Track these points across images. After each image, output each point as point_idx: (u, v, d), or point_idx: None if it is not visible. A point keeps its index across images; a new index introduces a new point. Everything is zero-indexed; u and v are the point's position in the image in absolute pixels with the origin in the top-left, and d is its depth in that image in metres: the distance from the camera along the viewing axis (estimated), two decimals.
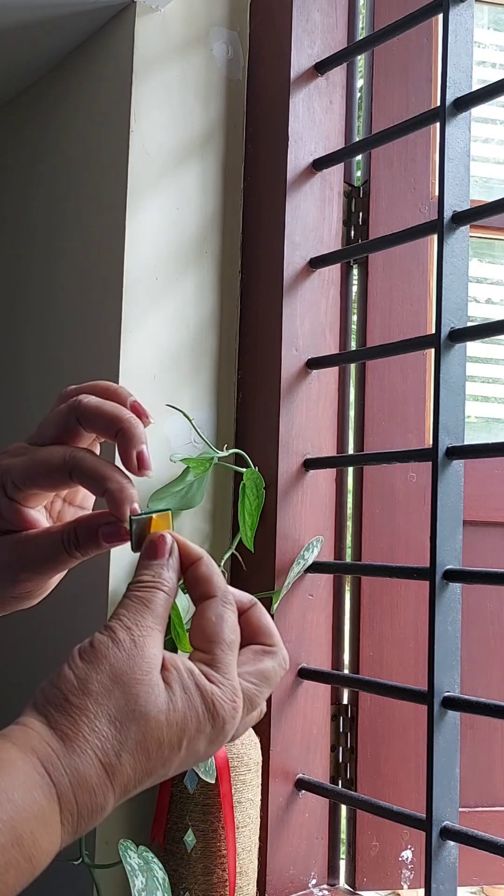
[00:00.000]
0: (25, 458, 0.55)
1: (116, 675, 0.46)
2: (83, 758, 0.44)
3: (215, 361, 1.24)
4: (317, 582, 1.20)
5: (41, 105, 1.45)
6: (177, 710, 0.46)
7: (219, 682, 0.49)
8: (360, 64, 1.31)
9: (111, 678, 0.46)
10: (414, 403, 1.26)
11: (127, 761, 0.45)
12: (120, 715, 0.45)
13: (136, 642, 0.47)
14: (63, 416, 0.55)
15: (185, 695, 0.47)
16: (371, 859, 1.19)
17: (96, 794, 0.44)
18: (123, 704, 0.45)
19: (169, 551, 0.52)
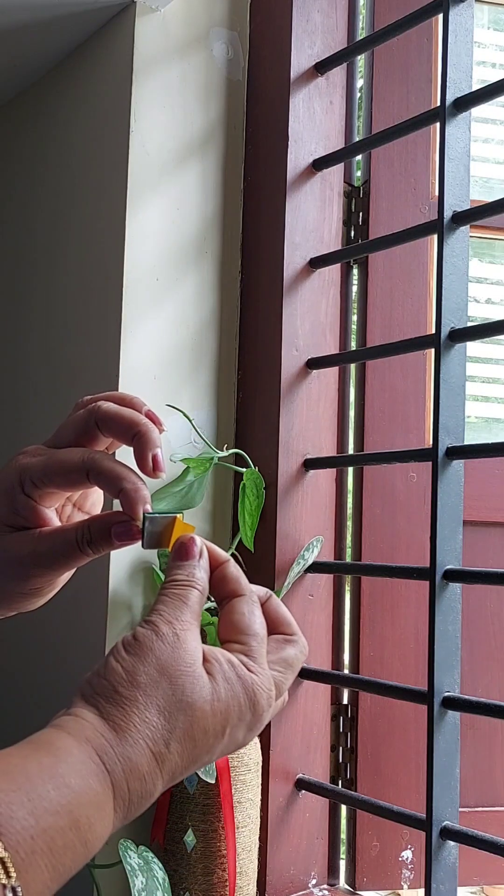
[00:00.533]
0: (44, 458, 0.58)
1: (163, 667, 0.48)
2: (135, 747, 0.46)
3: (215, 361, 1.24)
4: (317, 582, 1.20)
5: (41, 105, 1.45)
6: (220, 700, 0.49)
7: (257, 672, 0.51)
8: (360, 64, 1.31)
9: (158, 670, 0.48)
10: (414, 403, 1.26)
11: (175, 749, 0.48)
12: (168, 705, 0.48)
13: (178, 636, 0.50)
14: (82, 420, 0.59)
15: (227, 685, 0.50)
16: (371, 859, 1.19)
17: (146, 782, 0.47)
18: (171, 695, 0.48)
19: (199, 553, 0.55)
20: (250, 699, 0.50)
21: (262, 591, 0.57)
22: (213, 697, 0.49)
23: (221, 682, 0.50)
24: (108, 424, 0.59)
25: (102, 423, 0.59)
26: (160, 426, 0.60)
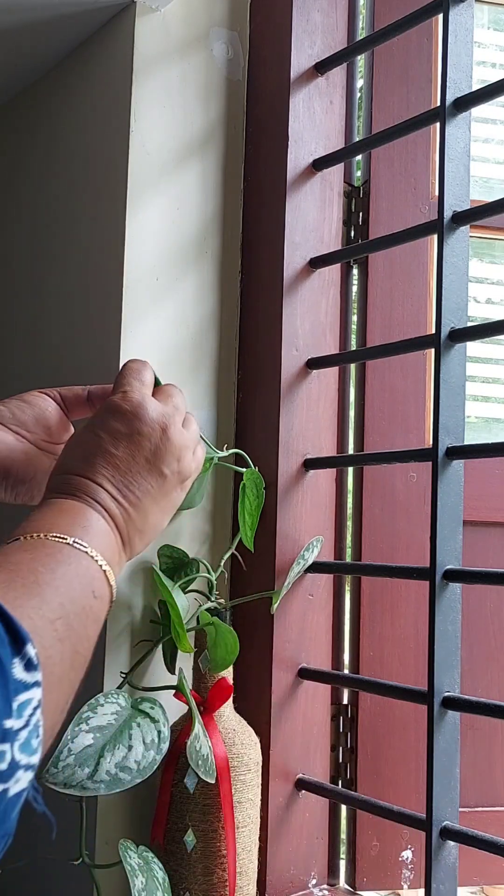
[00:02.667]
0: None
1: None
2: (140, 513, 0.69)
3: (215, 361, 1.24)
4: (317, 582, 1.20)
5: (41, 105, 1.45)
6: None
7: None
8: (360, 64, 1.31)
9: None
10: (414, 403, 1.26)
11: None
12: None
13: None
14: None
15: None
16: (371, 859, 1.19)
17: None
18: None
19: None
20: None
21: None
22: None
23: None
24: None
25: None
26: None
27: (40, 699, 0.48)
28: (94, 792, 0.92)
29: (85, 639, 0.57)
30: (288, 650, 1.17)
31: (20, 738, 0.46)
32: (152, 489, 0.70)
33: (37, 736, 0.47)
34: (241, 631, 1.10)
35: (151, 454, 0.70)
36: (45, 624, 0.52)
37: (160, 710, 1.00)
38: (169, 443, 0.71)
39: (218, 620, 1.05)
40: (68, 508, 0.64)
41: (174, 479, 0.72)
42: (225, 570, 1.21)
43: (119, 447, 0.69)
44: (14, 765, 0.45)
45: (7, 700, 0.45)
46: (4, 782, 0.45)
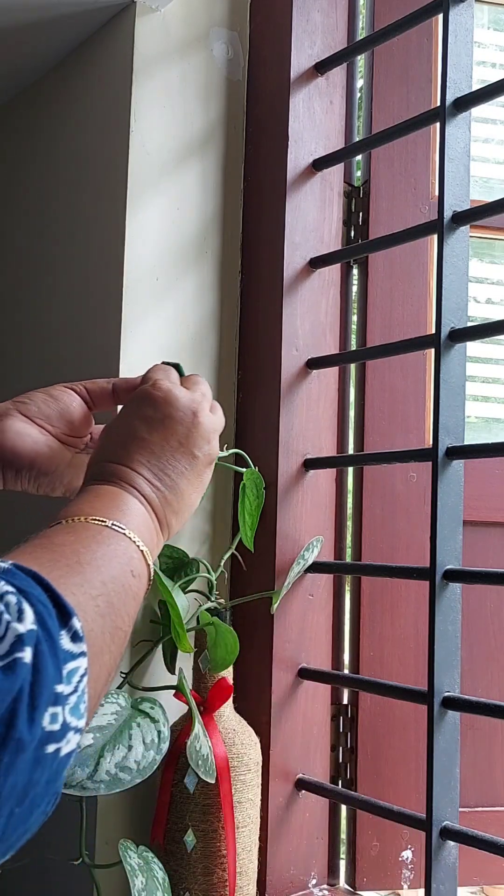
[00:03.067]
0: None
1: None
2: (175, 495, 0.72)
3: (215, 361, 1.24)
4: (317, 582, 1.20)
5: (41, 105, 1.45)
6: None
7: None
8: (360, 64, 1.31)
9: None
10: (414, 403, 1.26)
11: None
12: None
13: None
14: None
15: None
16: (371, 859, 1.19)
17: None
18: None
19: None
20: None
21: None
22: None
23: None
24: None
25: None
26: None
27: (86, 668, 0.51)
28: (93, 792, 0.92)
29: (125, 615, 0.60)
30: (288, 650, 1.17)
31: (70, 702, 0.49)
32: (186, 471, 0.74)
33: (83, 702, 0.51)
34: (241, 631, 1.10)
35: (184, 437, 0.74)
36: (87, 600, 0.55)
37: (160, 710, 1.00)
38: (200, 426, 0.75)
39: (218, 620, 1.05)
40: (107, 494, 0.68)
41: (205, 460, 0.76)
42: (225, 570, 1.21)
43: (153, 432, 0.73)
44: (65, 727, 0.49)
45: (58, 668, 0.49)
46: (57, 742, 0.49)
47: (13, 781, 0.46)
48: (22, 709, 0.46)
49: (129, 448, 0.72)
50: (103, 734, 0.95)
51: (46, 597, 0.51)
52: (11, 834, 0.48)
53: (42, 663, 0.48)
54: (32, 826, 0.50)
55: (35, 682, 0.47)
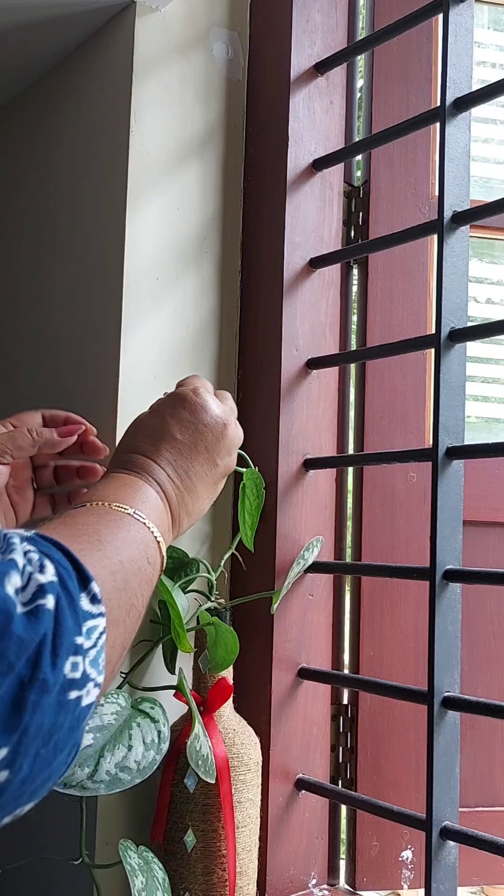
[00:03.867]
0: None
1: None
2: (192, 496, 0.77)
3: (215, 361, 1.24)
4: (317, 582, 1.20)
5: (41, 105, 1.45)
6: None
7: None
8: (360, 64, 1.31)
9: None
10: (414, 403, 1.26)
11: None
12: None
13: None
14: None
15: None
16: (371, 859, 1.19)
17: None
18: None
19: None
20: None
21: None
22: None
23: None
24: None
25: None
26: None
27: (105, 627, 0.55)
28: (93, 792, 0.92)
29: (139, 596, 0.64)
30: (288, 650, 1.17)
31: (90, 655, 0.52)
32: (205, 476, 0.79)
33: (102, 658, 0.54)
34: (241, 631, 1.10)
35: (212, 445, 0.79)
36: (105, 574, 0.59)
37: (160, 710, 1.01)
38: (226, 438, 0.81)
39: (218, 620, 1.05)
40: (131, 483, 0.73)
41: (223, 470, 0.81)
42: (225, 570, 1.21)
43: (184, 434, 0.78)
44: (85, 677, 0.52)
45: (77, 622, 0.52)
46: (78, 690, 0.51)
47: (39, 721, 0.48)
48: (46, 653, 0.49)
49: (158, 444, 0.77)
50: (103, 734, 0.95)
51: (67, 562, 0.54)
52: (37, 776, 0.50)
53: (62, 615, 0.50)
54: (55, 772, 0.52)
55: (56, 631, 0.50)
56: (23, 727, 0.47)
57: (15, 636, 0.47)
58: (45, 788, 0.52)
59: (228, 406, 0.83)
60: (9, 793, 0.48)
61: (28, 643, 0.48)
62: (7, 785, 0.48)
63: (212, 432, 0.79)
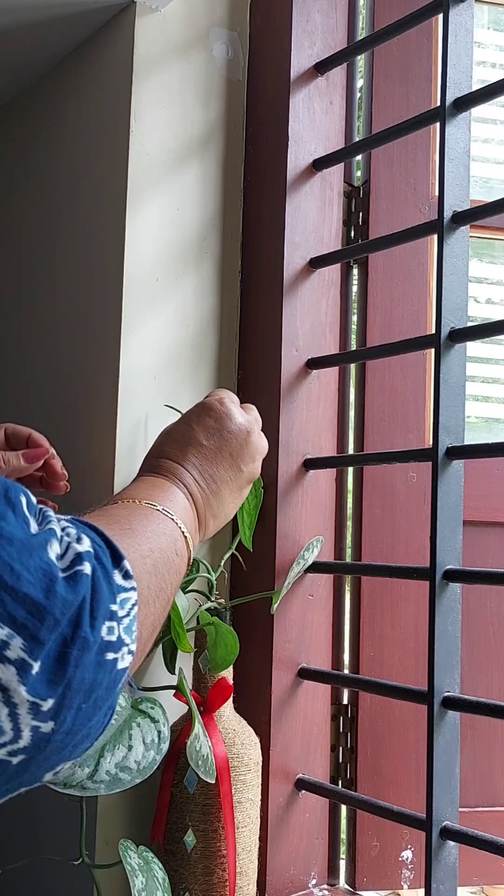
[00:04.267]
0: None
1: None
2: (217, 499, 0.81)
3: (215, 361, 1.24)
4: (317, 582, 1.20)
5: (41, 105, 1.45)
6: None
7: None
8: (360, 64, 1.31)
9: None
10: (414, 403, 1.26)
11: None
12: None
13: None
14: None
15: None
16: (371, 859, 1.19)
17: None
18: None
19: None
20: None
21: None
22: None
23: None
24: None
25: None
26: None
27: (136, 600, 0.58)
28: (94, 792, 0.92)
29: (169, 583, 0.67)
30: (288, 650, 1.17)
31: (124, 623, 0.56)
32: (230, 481, 0.83)
33: (134, 626, 0.57)
34: (241, 631, 1.10)
35: (236, 451, 0.84)
36: (137, 556, 0.63)
37: (160, 710, 1.01)
38: (250, 445, 0.85)
39: (218, 620, 1.05)
40: (160, 485, 0.77)
41: (247, 476, 0.85)
42: (225, 570, 1.21)
43: (210, 440, 0.83)
44: (120, 641, 0.55)
45: (112, 592, 0.56)
46: (114, 652, 0.55)
47: (81, 675, 0.52)
48: (85, 615, 0.53)
49: (185, 450, 0.81)
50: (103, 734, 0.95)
51: (101, 541, 0.58)
52: (78, 730, 0.54)
53: (98, 583, 0.55)
54: (93, 730, 0.56)
55: (94, 597, 0.54)
56: (67, 680, 0.51)
57: (60, 596, 0.51)
58: (83, 747, 0.56)
59: (252, 416, 0.88)
60: (53, 743, 0.52)
61: (71, 603, 0.52)
62: (52, 735, 0.51)
63: (236, 439, 0.84)
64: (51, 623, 0.51)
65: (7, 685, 0.49)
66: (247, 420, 0.86)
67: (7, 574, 0.50)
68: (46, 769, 0.54)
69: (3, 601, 0.49)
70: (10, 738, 0.50)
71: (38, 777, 0.55)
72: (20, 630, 0.50)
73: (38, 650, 0.50)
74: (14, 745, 0.51)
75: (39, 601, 0.51)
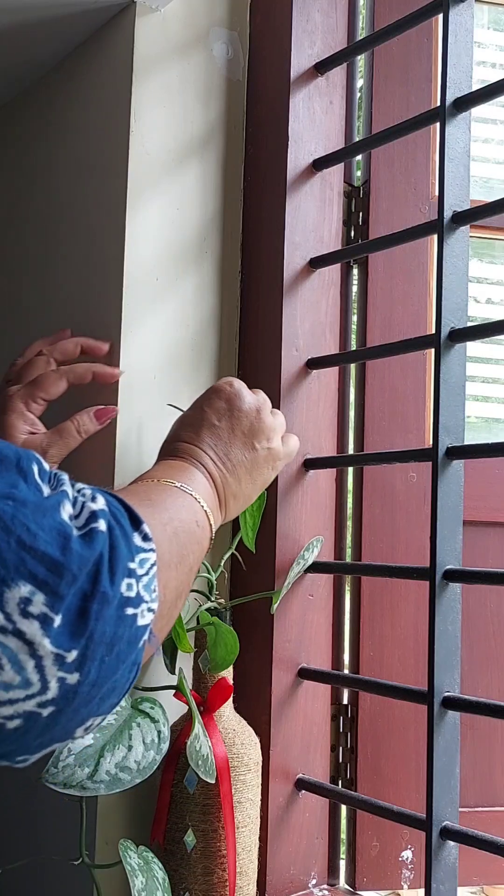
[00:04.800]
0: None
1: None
2: (235, 478, 0.84)
3: (215, 361, 1.24)
4: (317, 582, 1.20)
5: (41, 105, 1.45)
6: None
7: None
8: (360, 64, 1.31)
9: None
10: (414, 403, 1.26)
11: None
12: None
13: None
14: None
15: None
16: (371, 859, 1.19)
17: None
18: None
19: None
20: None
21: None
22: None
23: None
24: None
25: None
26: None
27: (155, 561, 0.61)
28: (94, 792, 0.92)
29: (191, 552, 0.70)
30: (288, 650, 1.17)
31: (143, 581, 0.58)
32: (245, 460, 0.86)
33: (154, 584, 0.60)
34: (241, 631, 1.10)
35: (248, 430, 0.87)
36: (156, 523, 0.65)
37: (160, 710, 1.01)
38: (262, 423, 0.89)
39: (218, 620, 1.05)
40: (177, 466, 0.80)
41: (264, 455, 0.88)
42: (225, 570, 1.21)
43: (222, 420, 0.86)
44: (139, 597, 0.58)
45: (130, 550, 0.58)
46: (134, 608, 0.57)
47: (102, 628, 0.55)
48: (104, 570, 0.55)
49: (199, 432, 0.85)
50: (103, 734, 0.95)
51: (120, 505, 0.61)
52: (103, 682, 0.56)
53: (116, 541, 0.57)
54: (118, 685, 0.58)
55: (112, 554, 0.57)
56: (88, 633, 0.54)
57: (76, 552, 0.54)
58: (109, 701, 0.57)
59: (261, 397, 0.92)
60: (80, 695, 0.54)
61: (87, 559, 0.55)
62: (78, 686, 0.54)
63: (247, 417, 0.88)
64: (69, 578, 0.53)
65: (32, 639, 0.52)
66: (255, 399, 0.90)
67: (25, 534, 0.53)
68: (77, 723, 0.56)
69: (24, 560, 0.52)
70: (37, 689, 0.52)
71: (69, 731, 0.57)
72: (41, 586, 0.52)
73: (59, 604, 0.53)
74: (42, 696, 0.53)
75: (57, 558, 0.53)
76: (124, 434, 1.14)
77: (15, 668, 0.52)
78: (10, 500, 0.53)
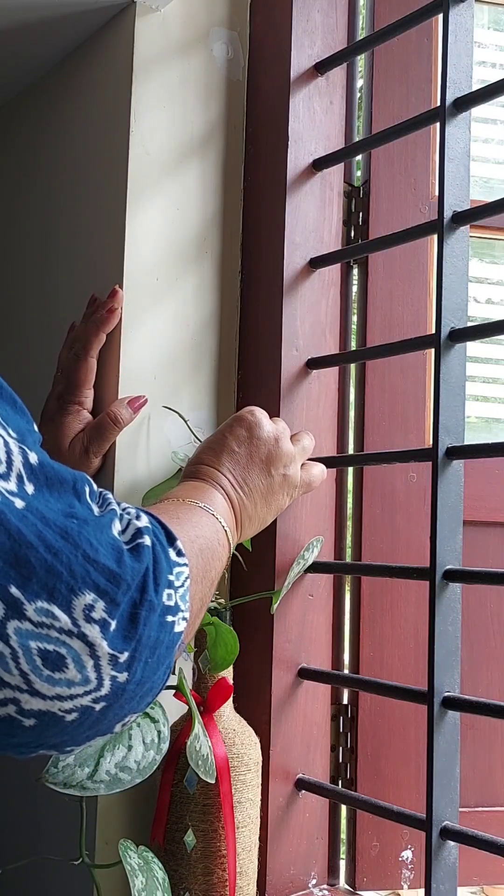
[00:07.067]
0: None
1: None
2: (251, 501, 0.90)
3: (215, 361, 1.24)
4: (317, 582, 1.20)
5: (41, 105, 1.45)
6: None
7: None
8: (360, 64, 1.31)
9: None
10: (414, 403, 1.26)
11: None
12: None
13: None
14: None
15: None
16: (371, 859, 1.19)
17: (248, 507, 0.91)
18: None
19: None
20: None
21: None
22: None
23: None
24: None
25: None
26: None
27: (189, 573, 0.67)
28: (94, 792, 0.92)
29: (213, 569, 0.76)
30: (288, 650, 1.17)
31: (179, 591, 0.65)
32: (262, 485, 0.92)
33: (188, 596, 0.66)
34: (241, 631, 1.10)
35: (266, 456, 0.93)
36: (186, 539, 0.71)
37: (160, 710, 1.01)
38: (279, 450, 0.94)
39: (218, 620, 1.05)
40: (199, 487, 0.86)
41: (279, 481, 0.94)
42: (225, 570, 1.21)
43: (241, 447, 0.92)
44: (177, 606, 0.64)
45: (169, 565, 0.65)
46: (173, 616, 0.64)
47: (148, 633, 0.61)
48: (150, 581, 0.62)
49: (220, 456, 0.90)
50: None
51: (156, 522, 0.67)
52: (145, 682, 0.62)
53: (158, 555, 0.64)
54: (155, 684, 0.64)
55: (155, 567, 0.63)
56: (138, 636, 0.60)
57: (128, 565, 0.61)
58: (146, 700, 0.64)
59: (281, 425, 0.97)
60: (127, 692, 0.61)
61: (138, 571, 0.61)
62: (126, 684, 0.60)
63: (265, 444, 0.93)
64: (125, 587, 0.60)
65: (93, 641, 0.58)
66: (274, 428, 0.95)
67: (89, 549, 0.59)
68: (119, 718, 0.63)
69: (89, 571, 0.58)
70: (94, 686, 0.59)
71: (111, 726, 0.63)
72: (102, 594, 0.59)
73: (115, 611, 0.59)
74: (97, 692, 0.59)
75: (114, 569, 0.60)
76: (124, 434, 1.14)
77: (77, 666, 0.58)
78: (74, 519, 0.60)
